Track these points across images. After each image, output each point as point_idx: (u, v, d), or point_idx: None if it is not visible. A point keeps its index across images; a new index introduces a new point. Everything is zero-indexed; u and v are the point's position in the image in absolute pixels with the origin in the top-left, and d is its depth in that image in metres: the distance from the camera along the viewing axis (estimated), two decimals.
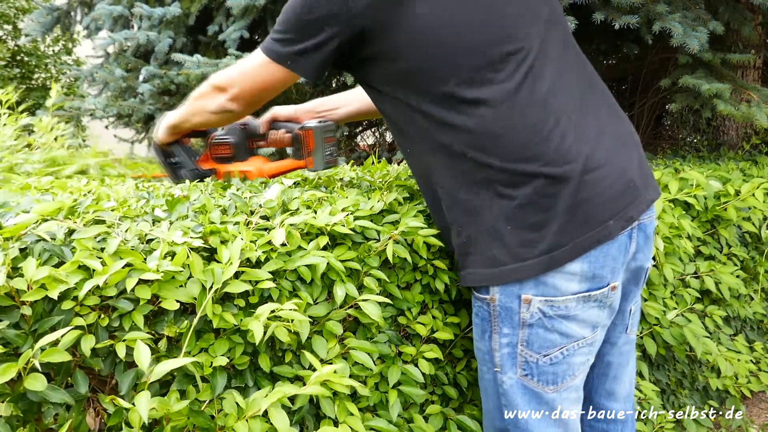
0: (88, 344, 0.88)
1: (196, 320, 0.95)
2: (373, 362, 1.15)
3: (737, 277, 2.10)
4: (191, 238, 0.99)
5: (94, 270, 0.90)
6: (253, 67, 1.17)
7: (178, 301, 0.95)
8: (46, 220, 1.00)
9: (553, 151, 1.01)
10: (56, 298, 0.86)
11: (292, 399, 1.03)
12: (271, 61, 1.12)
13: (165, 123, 1.45)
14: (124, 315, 0.92)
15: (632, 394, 1.36)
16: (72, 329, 0.86)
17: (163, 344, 0.97)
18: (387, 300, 1.16)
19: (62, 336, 0.83)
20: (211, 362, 0.98)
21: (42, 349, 0.84)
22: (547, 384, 1.12)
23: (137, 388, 0.93)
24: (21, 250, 0.92)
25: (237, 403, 0.97)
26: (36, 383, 0.81)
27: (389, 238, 1.19)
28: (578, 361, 1.13)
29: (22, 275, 0.87)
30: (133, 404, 0.85)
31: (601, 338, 1.17)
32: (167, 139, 1.48)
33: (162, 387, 0.97)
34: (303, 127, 1.45)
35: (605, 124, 1.10)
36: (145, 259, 0.95)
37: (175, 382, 0.97)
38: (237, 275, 1.00)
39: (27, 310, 0.86)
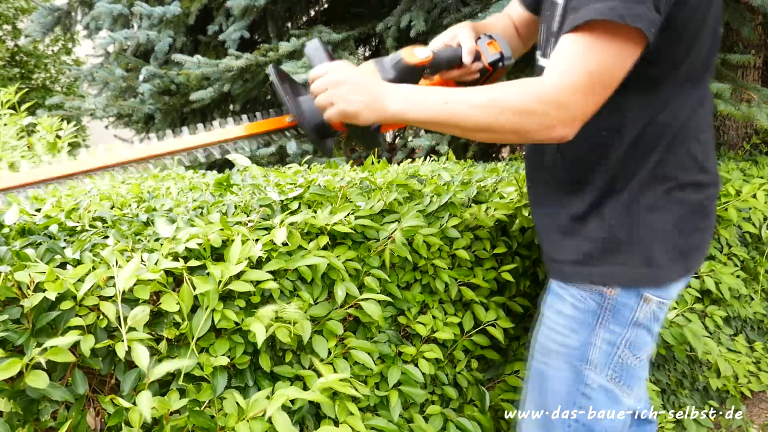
0: (87, 344, 0.88)
1: (205, 315, 0.95)
2: (374, 362, 1.15)
3: (737, 277, 2.10)
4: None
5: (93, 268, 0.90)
6: (597, 54, 0.87)
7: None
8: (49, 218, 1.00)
9: (714, 162, 1.08)
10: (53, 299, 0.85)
11: (293, 399, 1.02)
12: (623, 25, 0.84)
13: (401, 105, 0.97)
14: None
15: None
16: (74, 328, 0.86)
17: (163, 346, 0.96)
18: (387, 298, 1.16)
19: (65, 335, 0.83)
20: (212, 363, 0.98)
21: (45, 348, 0.84)
22: (628, 387, 1.09)
23: (137, 388, 0.93)
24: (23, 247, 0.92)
25: (237, 403, 0.96)
26: (38, 380, 0.81)
27: (388, 238, 1.19)
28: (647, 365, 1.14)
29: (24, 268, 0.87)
30: (134, 404, 0.85)
31: None
32: (385, 121, 1.01)
33: (162, 387, 0.97)
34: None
35: None
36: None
37: (173, 381, 0.97)
38: (238, 275, 1.00)
39: (31, 300, 0.86)
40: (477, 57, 1.20)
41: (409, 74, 1.11)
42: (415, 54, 1.10)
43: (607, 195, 1.04)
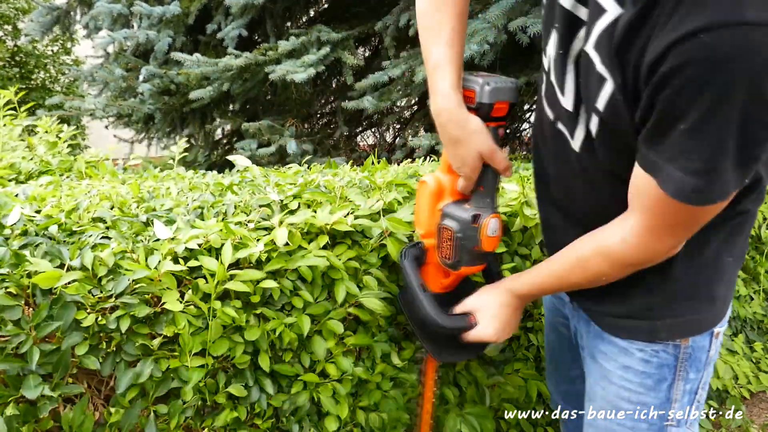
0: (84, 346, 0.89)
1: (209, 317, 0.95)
2: (374, 361, 1.15)
3: (737, 277, 2.10)
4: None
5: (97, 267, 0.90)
6: (682, 216, 0.77)
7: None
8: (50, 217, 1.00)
9: None
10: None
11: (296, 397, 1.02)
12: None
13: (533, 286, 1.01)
14: (121, 316, 0.92)
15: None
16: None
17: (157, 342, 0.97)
18: (388, 294, 1.16)
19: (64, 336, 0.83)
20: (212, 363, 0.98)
21: (43, 351, 0.84)
22: (697, 425, 1.02)
23: (133, 388, 0.94)
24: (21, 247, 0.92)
25: None
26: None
27: (389, 235, 1.19)
28: None
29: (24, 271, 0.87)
30: (130, 404, 0.85)
31: None
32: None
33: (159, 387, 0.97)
34: None
35: None
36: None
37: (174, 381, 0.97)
38: (233, 276, 1.00)
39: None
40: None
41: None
42: (492, 236, 1.01)
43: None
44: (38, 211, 1.07)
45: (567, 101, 0.84)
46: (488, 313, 1.03)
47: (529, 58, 2.67)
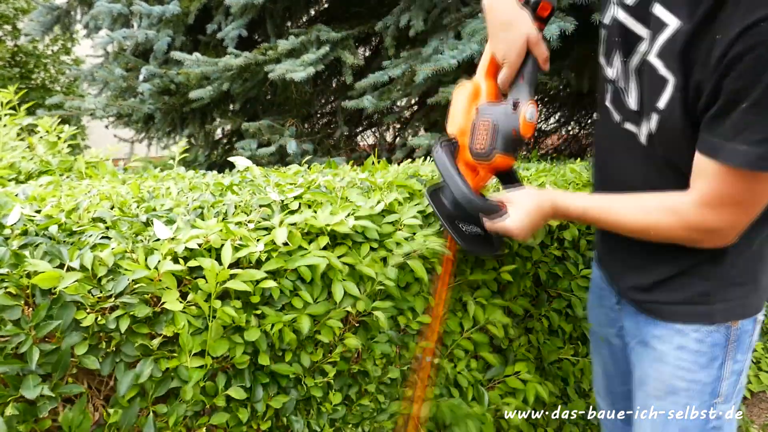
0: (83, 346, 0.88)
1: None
2: (374, 361, 1.15)
3: None
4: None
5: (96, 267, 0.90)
6: (746, 189, 0.86)
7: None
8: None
9: None
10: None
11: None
12: None
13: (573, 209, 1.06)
14: (121, 316, 0.92)
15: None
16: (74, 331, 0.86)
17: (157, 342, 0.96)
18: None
19: (64, 336, 0.83)
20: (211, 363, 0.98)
21: (42, 351, 0.84)
22: (738, 410, 1.10)
23: (132, 388, 0.94)
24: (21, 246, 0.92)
25: None
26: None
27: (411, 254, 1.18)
28: None
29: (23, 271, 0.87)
30: (129, 404, 0.85)
31: None
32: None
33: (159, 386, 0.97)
34: None
35: None
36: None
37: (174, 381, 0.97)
38: (233, 275, 1.00)
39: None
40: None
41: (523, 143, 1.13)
42: (530, 122, 1.07)
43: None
44: (38, 211, 1.07)
45: (632, 103, 0.98)
46: (521, 209, 1.07)
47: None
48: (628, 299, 1.13)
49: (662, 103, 0.89)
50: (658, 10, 0.87)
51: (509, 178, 1.21)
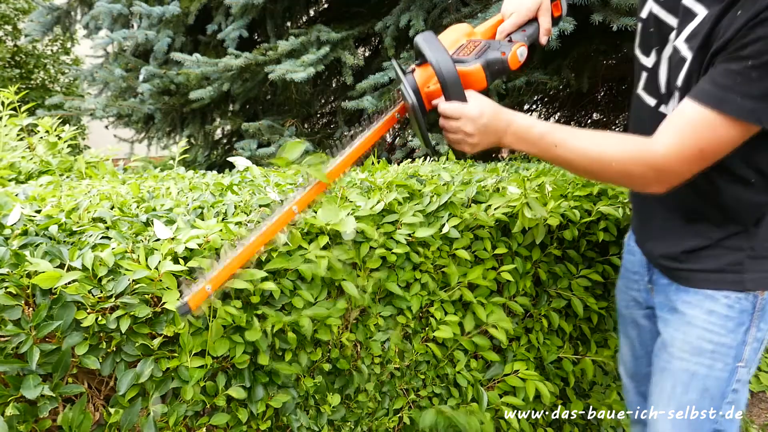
0: (84, 346, 0.88)
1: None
2: (373, 360, 1.15)
3: None
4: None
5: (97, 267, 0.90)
6: (718, 137, 0.93)
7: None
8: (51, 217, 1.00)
9: None
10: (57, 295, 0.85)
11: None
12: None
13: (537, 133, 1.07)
14: (121, 316, 0.92)
15: None
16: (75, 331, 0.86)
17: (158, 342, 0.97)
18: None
19: (65, 337, 0.83)
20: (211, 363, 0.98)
21: (43, 351, 0.84)
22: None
23: (132, 388, 0.94)
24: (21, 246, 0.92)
25: None
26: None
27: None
28: None
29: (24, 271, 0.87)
30: (129, 403, 0.85)
31: None
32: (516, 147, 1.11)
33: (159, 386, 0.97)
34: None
35: None
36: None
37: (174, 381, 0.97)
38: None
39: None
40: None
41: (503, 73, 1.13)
42: (519, 59, 1.11)
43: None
44: (38, 211, 1.07)
45: (663, 87, 1.06)
46: (481, 106, 1.07)
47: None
48: (661, 268, 1.18)
49: (680, 81, 0.97)
50: (688, 2, 0.96)
51: None
